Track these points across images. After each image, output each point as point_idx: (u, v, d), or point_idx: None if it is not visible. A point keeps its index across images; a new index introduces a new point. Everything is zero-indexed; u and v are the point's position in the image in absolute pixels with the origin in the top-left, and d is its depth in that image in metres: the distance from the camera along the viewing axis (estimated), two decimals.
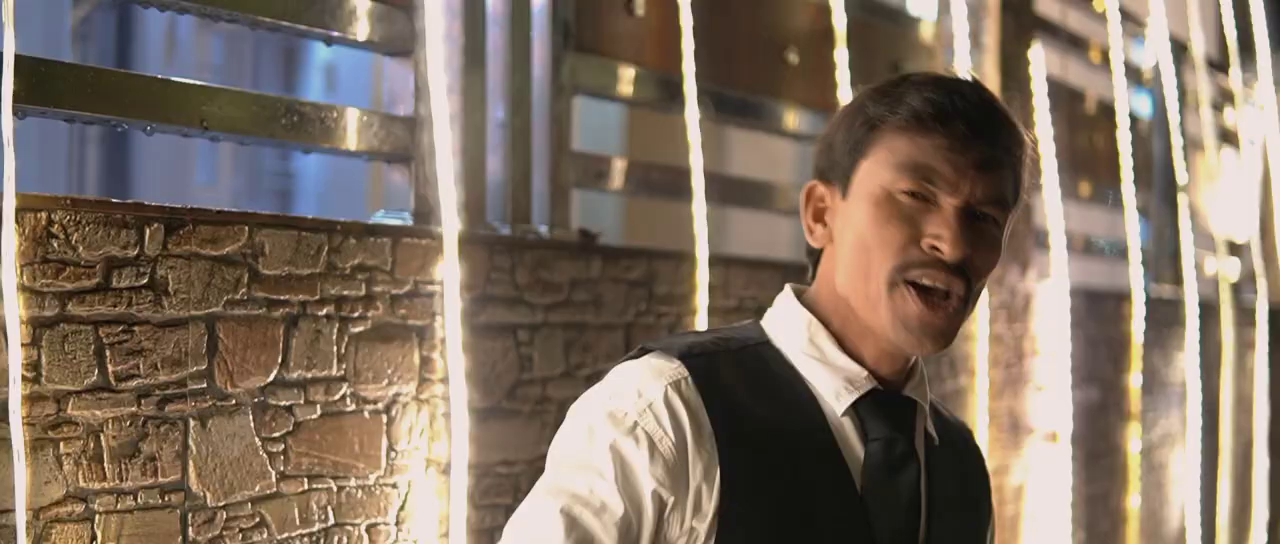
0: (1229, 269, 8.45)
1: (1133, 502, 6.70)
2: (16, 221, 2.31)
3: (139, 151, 6.14)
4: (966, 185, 1.95)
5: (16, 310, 2.30)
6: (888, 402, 2.02)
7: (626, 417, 1.90)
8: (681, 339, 2.04)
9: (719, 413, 1.93)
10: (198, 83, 2.82)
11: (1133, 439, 6.74)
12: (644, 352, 1.98)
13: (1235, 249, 8.73)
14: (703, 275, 3.80)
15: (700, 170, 3.88)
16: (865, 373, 2.01)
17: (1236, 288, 8.53)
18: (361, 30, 3.12)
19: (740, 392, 1.98)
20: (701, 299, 3.79)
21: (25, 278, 2.33)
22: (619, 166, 3.89)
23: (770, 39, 4.53)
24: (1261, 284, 8.77)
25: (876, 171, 1.98)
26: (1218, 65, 8.67)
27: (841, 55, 4.57)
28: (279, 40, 6.29)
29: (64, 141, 5.54)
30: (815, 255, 2.08)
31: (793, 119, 4.57)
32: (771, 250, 4.37)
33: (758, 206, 4.50)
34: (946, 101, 1.97)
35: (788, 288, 2.08)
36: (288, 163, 6.30)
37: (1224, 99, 8.81)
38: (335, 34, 3.10)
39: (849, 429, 2.00)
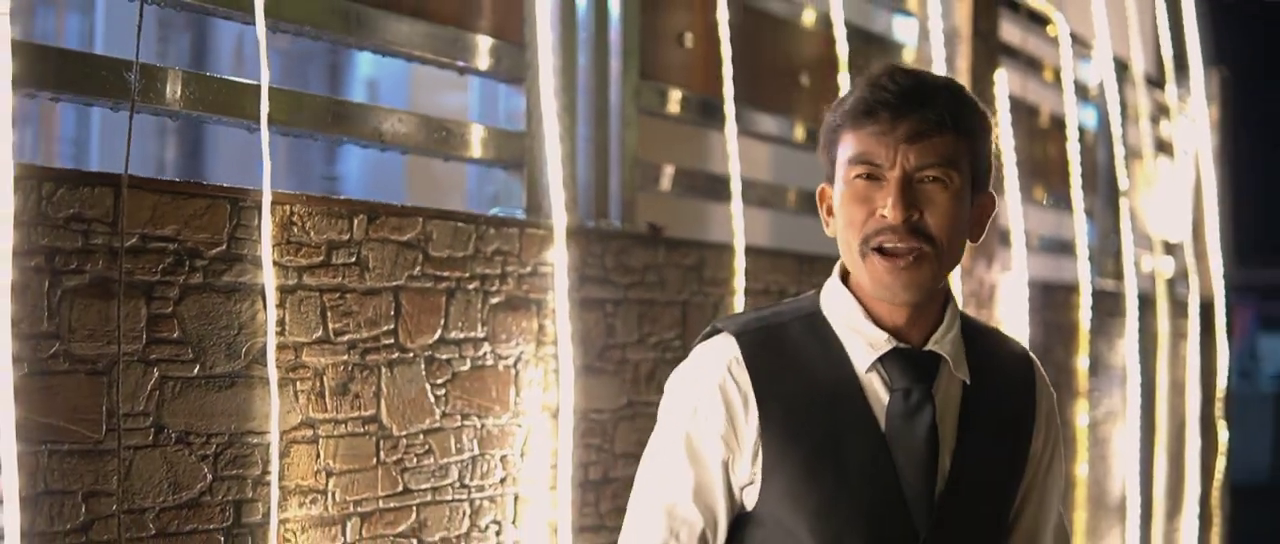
0: (1164, 266, 8.91)
1: (1081, 470, 7.20)
2: (271, 213, 3.02)
3: (213, 146, 6.65)
4: (903, 157, 2.29)
5: (272, 280, 3.01)
6: (911, 357, 2.39)
7: (690, 401, 2.40)
8: (744, 317, 2.53)
9: (763, 380, 2.37)
10: (383, 106, 3.55)
11: (1081, 415, 7.24)
12: (715, 331, 2.48)
13: (1170, 248, 9.20)
14: (740, 262, 4.42)
15: (738, 176, 4.49)
16: (885, 336, 2.37)
17: (1171, 283, 9.00)
18: (484, 62, 3.83)
19: (785, 357, 2.41)
20: (739, 282, 4.43)
21: (276, 255, 3.02)
22: (668, 172, 4.54)
23: (788, 66, 5.18)
24: (1193, 280, 9.25)
25: (842, 167, 2.36)
26: (1156, 82, 9.14)
27: (844, 78, 5.15)
28: (325, 55, 6.86)
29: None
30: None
31: (801, 132, 5.22)
32: (755, 238, 4.83)
33: (749, 202, 4.95)
34: (871, 95, 2.31)
35: (837, 266, 2.49)
36: (333, 166, 6.87)
37: (1161, 112, 9.27)
38: (462, 64, 3.81)
39: (877, 381, 2.38)
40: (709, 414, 2.38)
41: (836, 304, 2.45)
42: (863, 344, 2.40)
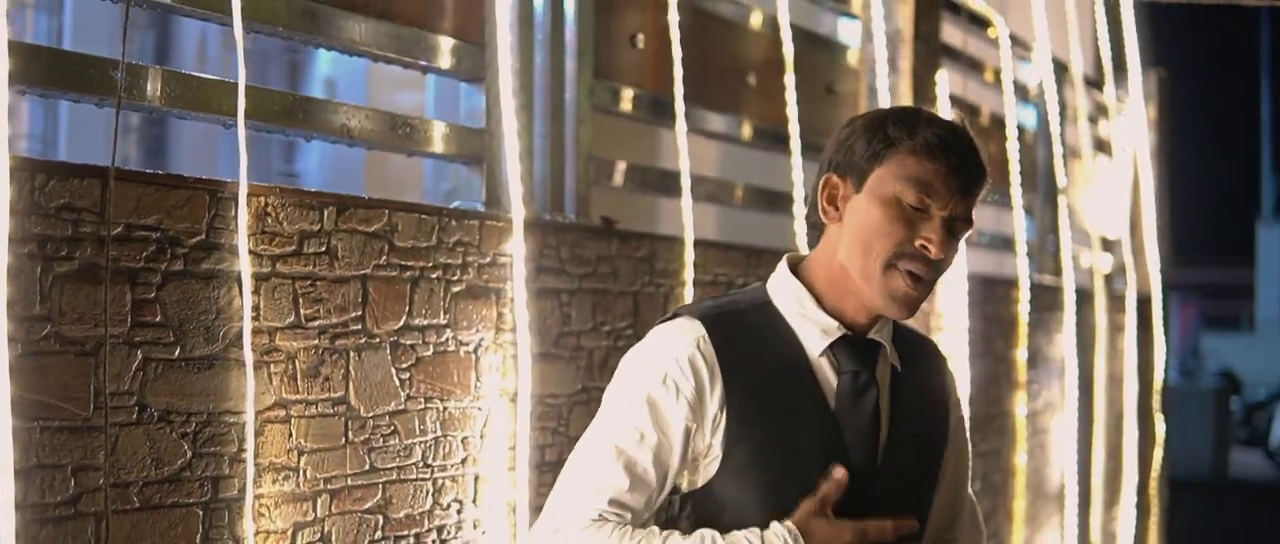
0: (1103, 262, 9.15)
1: (1020, 459, 7.42)
2: (247, 205, 3.18)
3: (175, 140, 6.82)
4: (953, 203, 2.56)
5: (248, 268, 3.17)
6: (856, 344, 2.65)
7: (660, 370, 2.58)
8: (702, 304, 2.74)
9: (727, 359, 2.58)
10: (350, 104, 3.72)
11: (1020, 405, 7.46)
12: (676, 315, 2.69)
13: (1108, 245, 9.45)
14: (690, 255, 4.59)
15: (687, 172, 4.66)
16: (836, 324, 2.63)
17: (1109, 278, 9.24)
18: (446, 62, 4.00)
19: (745, 341, 2.62)
20: (688, 274, 4.60)
21: (251, 244, 3.18)
22: (621, 168, 4.70)
23: (735, 66, 5.36)
24: (1131, 276, 9.47)
25: (889, 180, 2.56)
26: (1094, 83, 9.35)
27: (789, 79, 5.31)
28: (285, 54, 7.05)
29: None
30: (818, 229, 2.70)
31: (748, 130, 5.41)
32: (703, 232, 4.93)
33: (698, 197, 5.04)
34: (951, 138, 2.59)
35: (785, 258, 2.75)
36: (293, 162, 7.05)
37: (1099, 112, 9.51)
38: (424, 64, 3.98)
39: (826, 366, 2.64)
40: (680, 382, 2.57)
41: (788, 294, 2.69)
42: (815, 331, 2.65)
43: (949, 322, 6.58)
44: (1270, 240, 38.50)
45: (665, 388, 2.58)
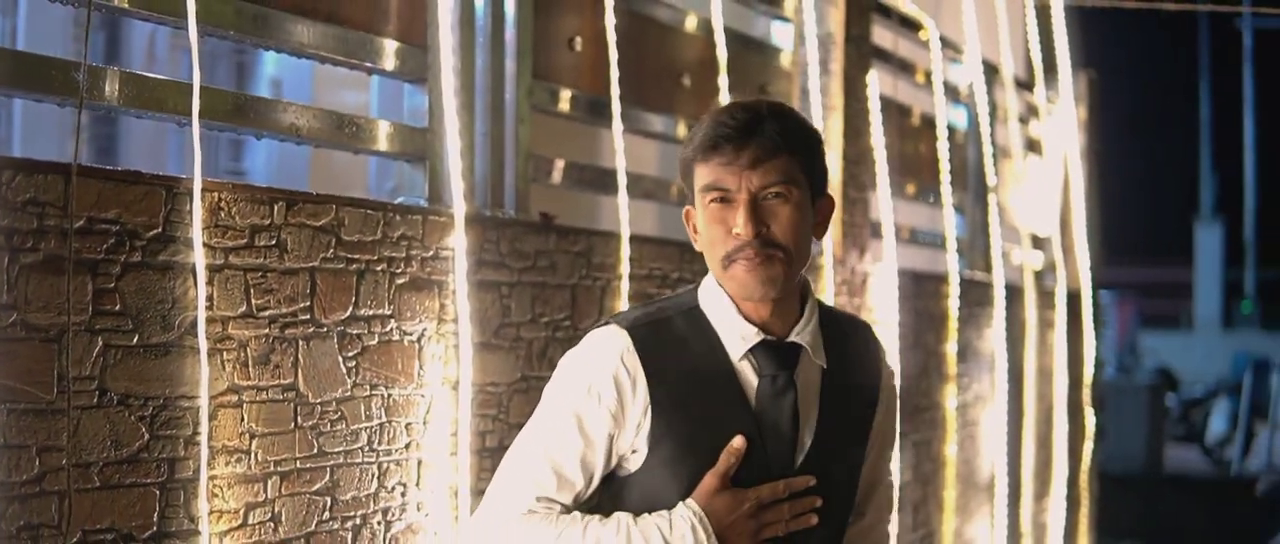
0: (1033, 259, 9.32)
1: (950, 450, 7.62)
2: (201, 200, 3.34)
3: (126, 136, 6.93)
4: (747, 181, 2.70)
5: (202, 260, 3.33)
6: (776, 347, 2.82)
7: (585, 381, 2.77)
8: (633, 312, 2.92)
9: (651, 364, 2.76)
10: (298, 103, 3.88)
11: (950, 398, 7.65)
12: (607, 323, 2.87)
13: (1039, 242, 9.62)
14: (625, 250, 4.77)
15: (623, 170, 4.83)
16: (754, 329, 2.79)
17: (1039, 275, 9.41)
18: (390, 63, 4.16)
19: (670, 347, 2.80)
20: (624, 268, 4.76)
21: (205, 237, 3.33)
22: (559, 166, 4.86)
23: (671, 68, 5.53)
24: (1061, 273, 9.66)
25: (698, 194, 2.77)
26: (1024, 84, 9.53)
27: (722, 80, 5.49)
28: (233, 56, 7.18)
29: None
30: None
31: (683, 130, 5.51)
32: (642, 228, 5.15)
33: (634, 195, 5.17)
34: (715, 131, 2.73)
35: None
36: (240, 161, 7.19)
37: (1030, 113, 9.69)
38: (370, 65, 4.15)
39: (748, 368, 2.81)
40: (603, 395, 2.77)
41: (712, 301, 2.86)
42: (736, 337, 2.82)
43: (879, 315, 6.75)
44: (1208, 240, 38.86)
45: (589, 397, 2.78)
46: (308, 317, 3.63)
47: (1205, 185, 39.29)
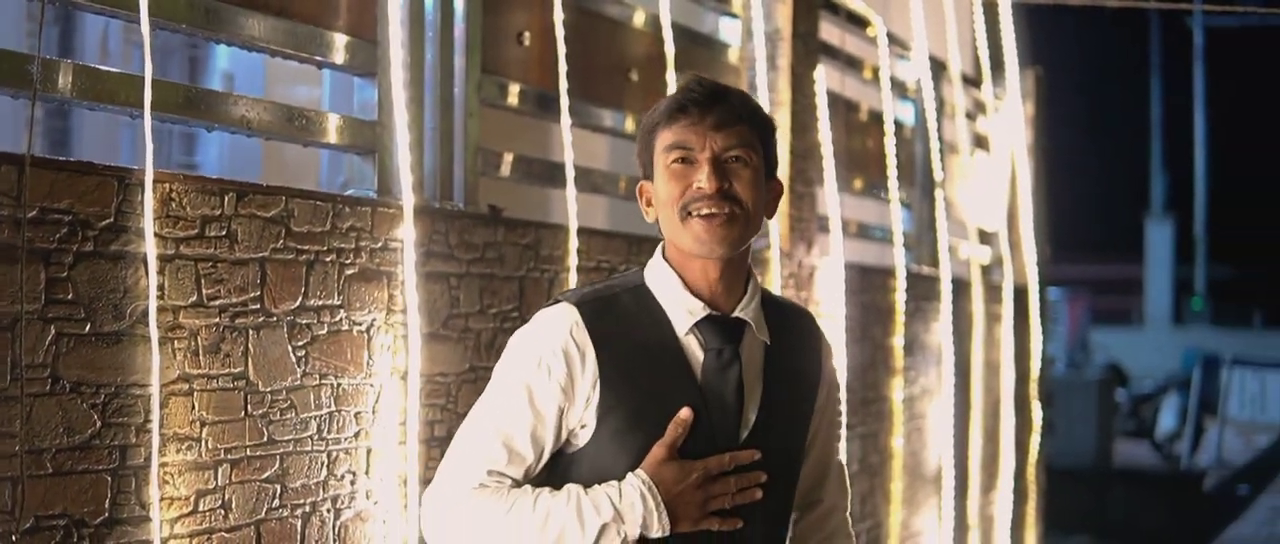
0: (980, 254, 9.41)
1: (897, 443, 7.70)
2: (153, 191, 3.38)
3: (80, 129, 6.94)
4: (712, 143, 2.80)
5: (154, 250, 3.38)
6: (722, 322, 2.87)
7: (535, 355, 2.82)
8: (581, 290, 2.97)
9: (600, 339, 2.80)
10: (250, 96, 3.93)
11: (896, 390, 7.73)
12: (557, 302, 2.92)
13: (986, 237, 9.73)
14: (573, 243, 4.83)
15: (571, 163, 4.89)
16: (701, 304, 2.84)
17: (986, 270, 9.51)
18: (340, 57, 4.21)
19: (618, 323, 2.84)
20: (572, 260, 4.83)
21: (157, 228, 3.37)
22: (508, 159, 4.92)
23: (619, 63, 5.59)
24: (1007, 267, 9.76)
25: (660, 156, 2.85)
26: (972, 80, 9.63)
27: (670, 76, 5.57)
28: (186, 50, 7.21)
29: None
30: (661, 227, 2.91)
31: (632, 124, 5.58)
32: (590, 221, 5.22)
33: (583, 188, 5.28)
34: (683, 96, 2.84)
35: (660, 247, 2.97)
36: (192, 154, 7.21)
37: (977, 109, 9.78)
38: (320, 59, 4.19)
39: (694, 343, 2.85)
40: (553, 367, 2.81)
41: (659, 278, 2.92)
42: (682, 311, 2.87)
43: (826, 309, 6.83)
44: (1159, 236, 39.11)
45: (540, 371, 2.82)
46: (258, 306, 3.68)
47: (1156, 182, 39.55)
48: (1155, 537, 15.07)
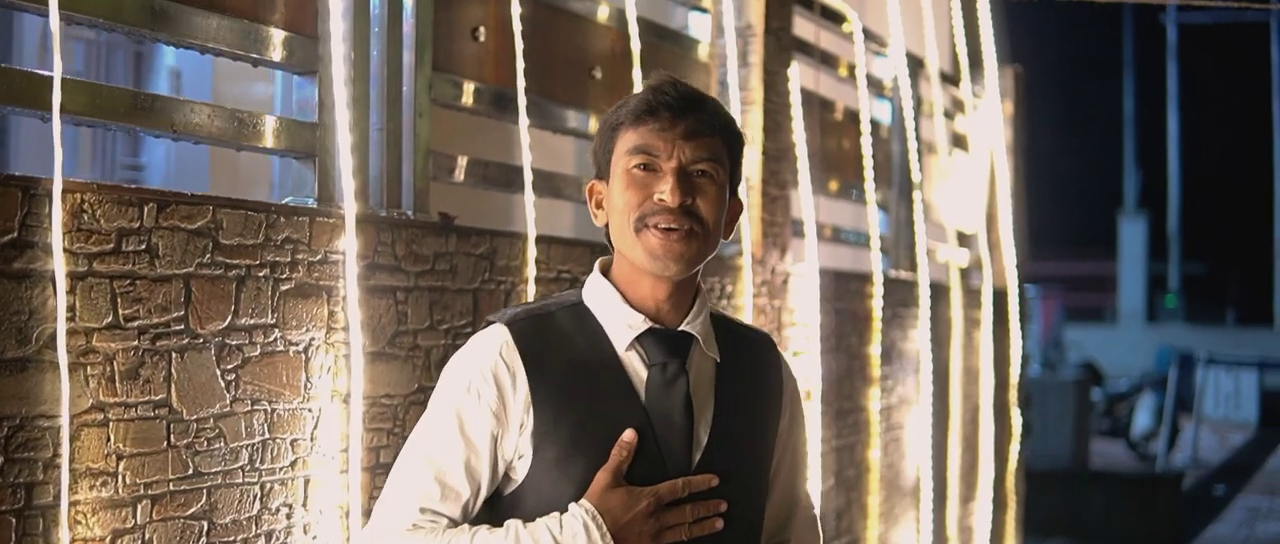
0: (959, 257, 9.23)
1: (874, 454, 7.48)
2: (62, 201, 3.09)
3: (15, 138, 6.66)
4: (679, 152, 2.64)
5: (62, 267, 3.08)
6: (666, 336, 2.70)
7: (465, 379, 2.67)
8: (516, 309, 2.79)
9: (532, 360, 2.65)
10: (178, 98, 3.63)
11: (873, 401, 7.51)
12: (489, 324, 2.74)
13: (965, 239, 9.53)
14: (531, 252, 4.55)
15: (530, 167, 4.61)
16: (642, 317, 2.69)
17: (965, 273, 9.31)
18: (278, 55, 3.92)
19: (553, 341, 2.69)
20: (531, 271, 4.55)
21: (66, 242, 3.09)
22: (462, 162, 4.63)
23: (582, 60, 5.30)
24: (987, 270, 9.57)
25: (620, 158, 2.67)
26: (950, 78, 9.41)
27: (636, 73, 5.31)
28: (131, 48, 6.91)
29: None
30: (608, 233, 2.75)
31: (595, 125, 5.31)
32: (553, 228, 5.01)
33: (544, 193, 5.01)
34: (654, 98, 2.66)
35: (598, 262, 2.80)
36: (138, 156, 6.91)
37: (956, 108, 9.56)
38: (256, 57, 3.89)
39: (635, 359, 2.69)
40: (482, 391, 2.63)
41: (597, 293, 2.75)
42: (622, 326, 2.70)
43: (801, 317, 6.61)
44: (1132, 233, 39.16)
45: (469, 396, 2.65)
46: (182, 327, 3.39)
47: (1129, 179, 39.57)
48: (1133, 539, 14.90)
